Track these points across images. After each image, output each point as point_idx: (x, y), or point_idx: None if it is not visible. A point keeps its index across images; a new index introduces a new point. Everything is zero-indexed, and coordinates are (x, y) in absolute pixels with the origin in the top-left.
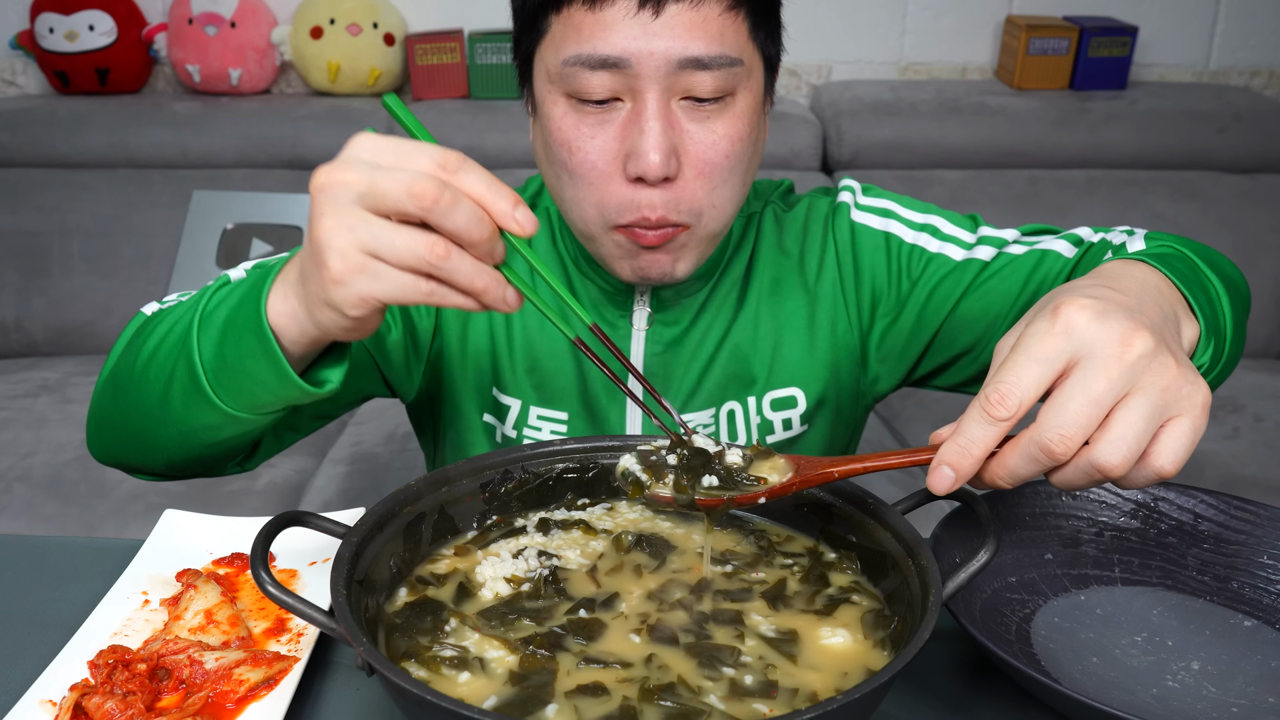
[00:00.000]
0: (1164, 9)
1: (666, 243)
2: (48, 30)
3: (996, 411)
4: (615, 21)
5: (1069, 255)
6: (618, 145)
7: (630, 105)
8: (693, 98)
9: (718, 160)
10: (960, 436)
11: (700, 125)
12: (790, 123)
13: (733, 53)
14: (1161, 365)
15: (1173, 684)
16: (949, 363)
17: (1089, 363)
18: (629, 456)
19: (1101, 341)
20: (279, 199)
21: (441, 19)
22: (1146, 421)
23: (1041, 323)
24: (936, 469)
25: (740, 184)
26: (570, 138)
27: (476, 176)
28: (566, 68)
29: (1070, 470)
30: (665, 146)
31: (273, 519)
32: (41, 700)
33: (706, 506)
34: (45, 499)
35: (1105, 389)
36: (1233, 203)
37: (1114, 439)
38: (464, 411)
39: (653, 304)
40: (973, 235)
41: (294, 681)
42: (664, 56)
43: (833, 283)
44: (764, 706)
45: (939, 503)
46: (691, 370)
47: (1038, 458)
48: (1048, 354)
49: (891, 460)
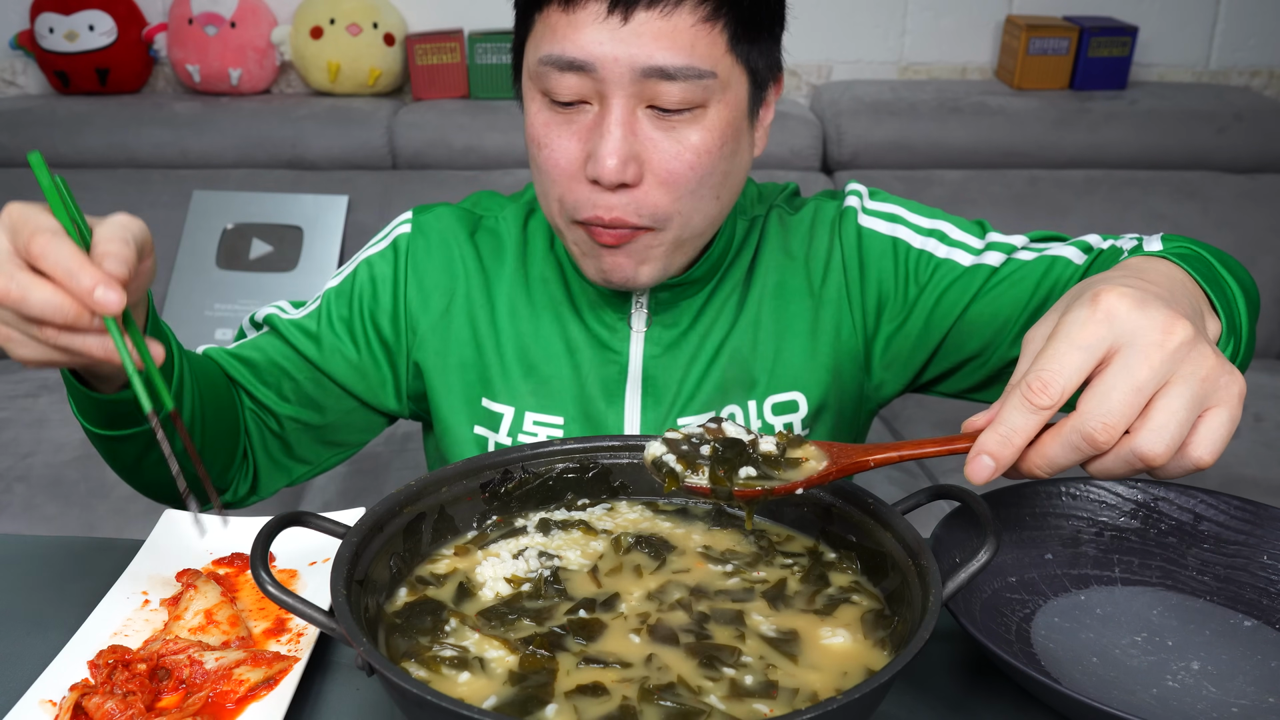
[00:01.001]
0: (1164, 9)
1: (626, 244)
2: (48, 30)
3: (1039, 399)
4: (585, 25)
5: (1079, 262)
6: (581, 147)
7: (596, 109)
8: (658, 107)
9: (682, 171)
10: (1001, 425)
11: (665, 135)
12: (790, 123)
13: (703, 65)
14: (1200, 354)
15: (1173, 684)
16: (955, 368)
17: (1131, 350)
18: (658, 444)
19: (1143, 329)
20: (279, 199)
21: (441, 19)
22: (1188, 410)
23: (1081, 310)
24: (976, 458)
25: (713, 195)
26: (540, 135)
27: (57, 262)
28: (540, 67)
29: (1111, 459)
30: (622, 153)
31: (273, 519)
32: (41, 700)
33: (745, 498)
34: (45, 499)
35: (1148, 377)
36: (1233, 203)
37: (1156, 427)
38: (452, 426)
39: (651, 306)
40: (981, 241)
41: (294, 681)
42: (628, 64)
43: (838, 287)
44: (764, 706)
45: (939, 503)
46: (691, 373)
47: (1080, 446)
48: (1089, 341)
49: (928, 448)
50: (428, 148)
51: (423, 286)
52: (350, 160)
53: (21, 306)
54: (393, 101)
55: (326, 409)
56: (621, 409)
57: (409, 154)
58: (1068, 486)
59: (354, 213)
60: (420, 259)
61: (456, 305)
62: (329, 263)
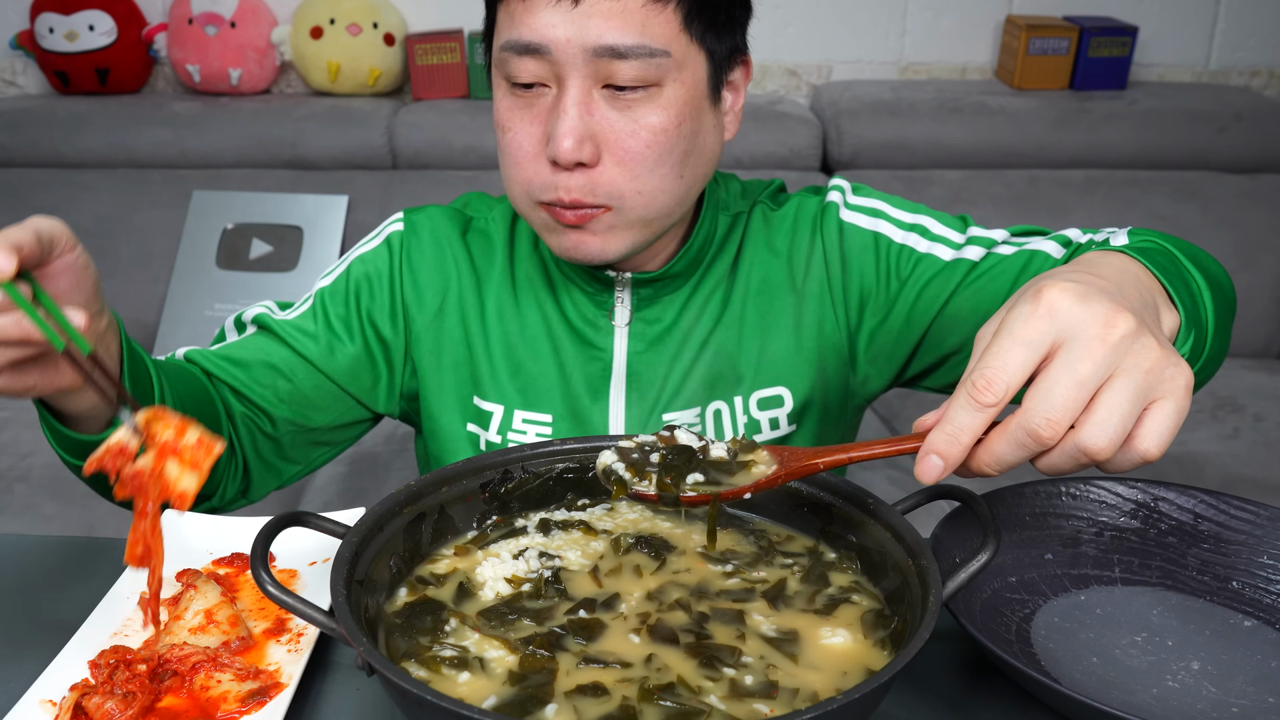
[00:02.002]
0: (1164, 9)
1: (589, 223)
2: (48, 30)
3: (983, 397)
4: (539, 9)
5: (1057, 256)
6: (540, 129)
7: (554, 91)
8: (613, 86)
9: (638, 149)
10: (947, 424)
11: (621, 114)
12: (790, 123)
13: (655, 44)
14: (1144, 347)
15: (1173, 684)
16: (938, 363)
17: (1073, 345)
18: (609, 453)
19: (1085, 323)
20: (279, 199)
21: (441, 19)
22: (1131, 404)
23: (1024, 306)
24: (924, 458)
25: (675, 174)
26: (504, 120)
27: None
28: (501, 53)
29: (1056, 455)
30: (579, 132)
31: (273, 519)
32: (41, 700)
33: (692, 504)
34: (45, 499)
35: (1090, 371)
36: (1233, 203)
37: (1099, 421)
38: (445, 423)
39: (634, 302)
40: (962, 235)
41: (294, 682)
42: (580, 44)
43: (820, 282)
44: (764, 706)
45: (939, 503)
46: (675, 369)
47: (1025, 443)
48: (1031, 337)
49: (877, 449)
50: (428, 148)
51: (418, 285)
52: (350, 160)
53: None
54: (393, 101)
55: (322, 409)
56: (607, 405)
57: (409, 154)
58: (1068, 486)
59: (354, 213)
60: (415, 257)
61: (449, 304)
62: (329, 263)
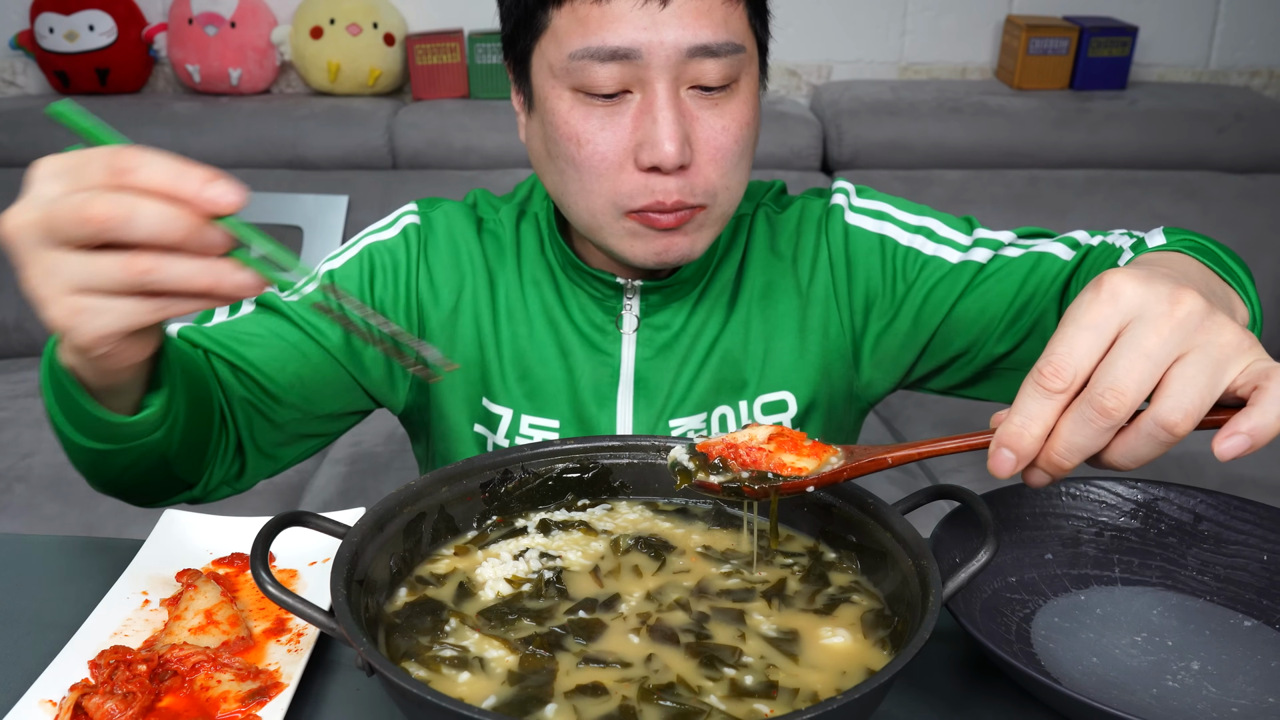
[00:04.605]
0: (1164, 9)
1: (684, 224)
2: (48, 30)
3: (1051, 384)
4: (623, 13)
5: (1066, 258)
6: (629, 136)
7: (640, 97)
8: (700, 86)
9: (729, 145)
10: (1016, 415)
11: (710, 112)
12: (790, 123)
13: (737, 39)
14: (1217, 324)
15: (1173, 684)
16: (944, 365)
17: (1138, 324)
18: (680, 448)
19: (1150, 302)
20: (279, 199)
21: (441, 19)
22: (1208, 376)
23: (1086, 294)
24: (996, 452)
25: (749, 166)
26: (579, 131)
27: (156, 170)
28: (574, 62)
29: (1133, 436)
30: (679, 135)
31: (273, 519)
32: (41, 700)
33: (753, 495)
34: (45, 499)
35: (1157, 344)
36: (1233, 203)
37: (1175, 393)
38: (455, 423)
39: (641, 309)
40: (968, 238)
41: (294, 682)
42: (674, 45)
43: (825, 285)
44: (764, 706)
45: (939, 503)
46: (683, 375)
47: (1092, 419)
48: (1096, 320)
49: (948, 445)
50: (428, 148)
51: (433, 281)
52: (350, 160)
53: (128, 227)
54: (393, 101)
55: (331, 396)
56: (614, 411)
57: (409, 154)
58: (1068, 486)
59: (354, 213)
60: (431, 252)
61: (464, 303)
62: None
